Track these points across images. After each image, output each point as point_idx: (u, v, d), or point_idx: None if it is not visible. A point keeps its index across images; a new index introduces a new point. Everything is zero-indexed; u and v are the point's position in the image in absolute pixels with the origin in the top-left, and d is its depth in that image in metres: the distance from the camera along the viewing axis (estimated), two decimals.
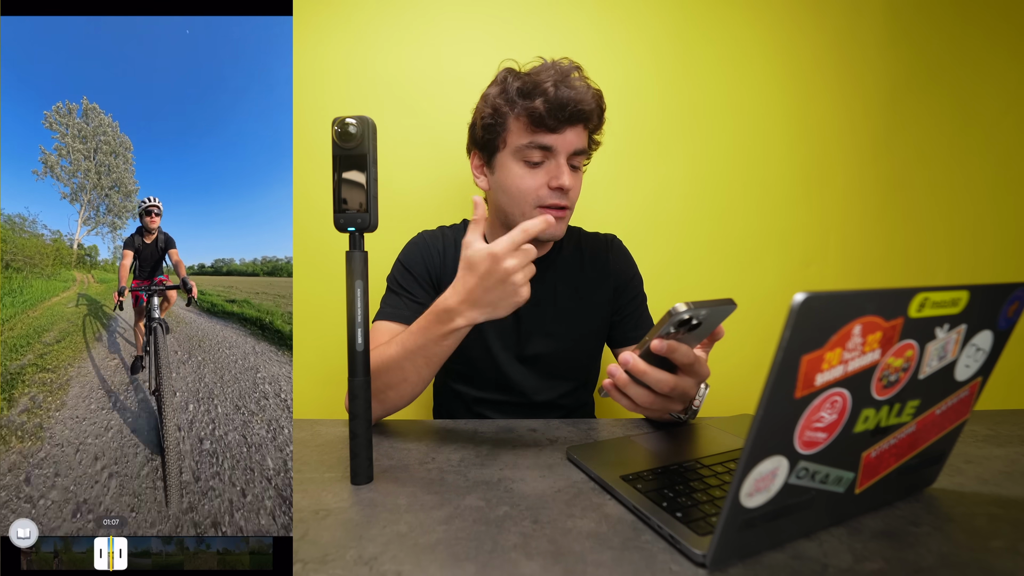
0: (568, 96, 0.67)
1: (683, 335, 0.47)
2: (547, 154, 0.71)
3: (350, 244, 0.47)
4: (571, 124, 0.70)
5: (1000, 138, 1.17)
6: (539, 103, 0.67)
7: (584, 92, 0.69)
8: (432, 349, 0.58)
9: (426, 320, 0.58)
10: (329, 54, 1.06)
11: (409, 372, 0.60)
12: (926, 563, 0.35)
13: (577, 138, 0.71)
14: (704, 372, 0.51)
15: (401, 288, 0.78)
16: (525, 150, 0.71)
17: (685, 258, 1.14)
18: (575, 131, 0.71)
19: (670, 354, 0.47)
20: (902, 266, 1.18)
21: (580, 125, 0.71)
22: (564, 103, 0.67)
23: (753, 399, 0.29)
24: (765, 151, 1.14)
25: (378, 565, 0.35)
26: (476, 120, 0.76)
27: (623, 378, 0.49)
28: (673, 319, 0.43)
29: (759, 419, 0.29)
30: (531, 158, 0.71)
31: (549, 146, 0.70)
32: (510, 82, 0.71)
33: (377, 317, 0.77)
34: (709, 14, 1.11)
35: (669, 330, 0.45)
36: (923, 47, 1.14)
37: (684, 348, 0.47)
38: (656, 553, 0.37)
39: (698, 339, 0.50)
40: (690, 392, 0.50)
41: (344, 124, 0.45)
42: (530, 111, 0.68)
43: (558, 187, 0.70)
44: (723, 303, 0.46)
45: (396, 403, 0.64)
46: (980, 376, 0.41)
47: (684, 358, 0.47)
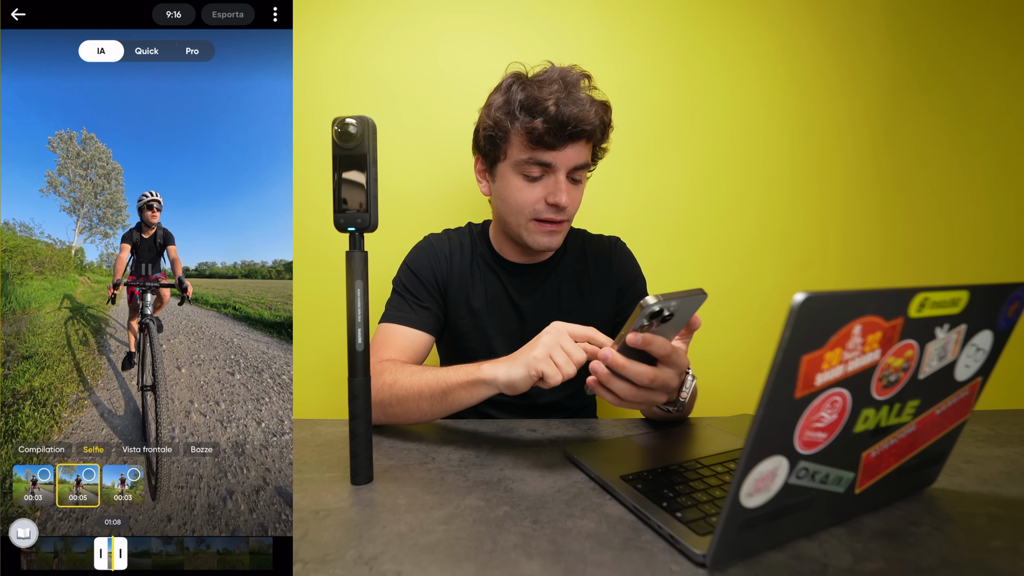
0: (569, 115, 0.66)
1: (658, 327, 0.48)
2: (546, 170, 0.70)
3: (350, 244, 0.47)
4: (572, 141, 0.69)
5: (1000, 138, 1.16)
6: (539, 123, 0.66)
7: (587, 109, 0.68)
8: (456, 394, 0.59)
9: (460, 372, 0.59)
10: (329, 54, 1.06)
11: (424, 405, 0.61)
12: (926, 563, 0.35)
13: (577, 154, 0.71)
14: (683, 363, 0.51)
15: (407, 291, 0.79)
16: (524, 165, 0.70)
17: (685, 258, 1.14)
18: (576, 147, 0.70)
19: (646, 347, 0.47)
20: (902, 266, 1.18)
21: (582, 141, 0.70)
22: (565, 122, 0.66)
23: (753, 399, 0.29)
24: (765, 151, 1.14)
25: (378, 565, 0.35)
26: (479, 127, 0.75)
27: (604, 373, 0.49)
28: (644, 312, 0.44)
29: (759, 419, 0.29)
30: (530, 173, 0.71)
31: (548, 163, 0.70)
32: (514, 91, 0.70)
33: (383, 320, 0.77)
34: (710, 14, 1.11)
35: (643, 323, 0.45)
36: (923, 47, 1.14)
37: (660, 340, 0.48)
38: (656, 553, 0.37)
39: (675, 330, 0.51)
40: (671, 383, 0.50)
41: (344, 124, 0.45)
42: (529, 129, 0.67)
43: (555, 203, 0.70)
44: (693, 293, 0.47)
45: (401, 422, 0.66)
46: (980, 376, 0.41)
47: (660, 349, 0.48)
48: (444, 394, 0.59)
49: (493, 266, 0.82)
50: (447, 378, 0.59)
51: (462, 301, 0.81)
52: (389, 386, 0.63)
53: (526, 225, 0.73)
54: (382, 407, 0.63)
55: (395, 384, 0.63)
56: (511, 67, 0.74)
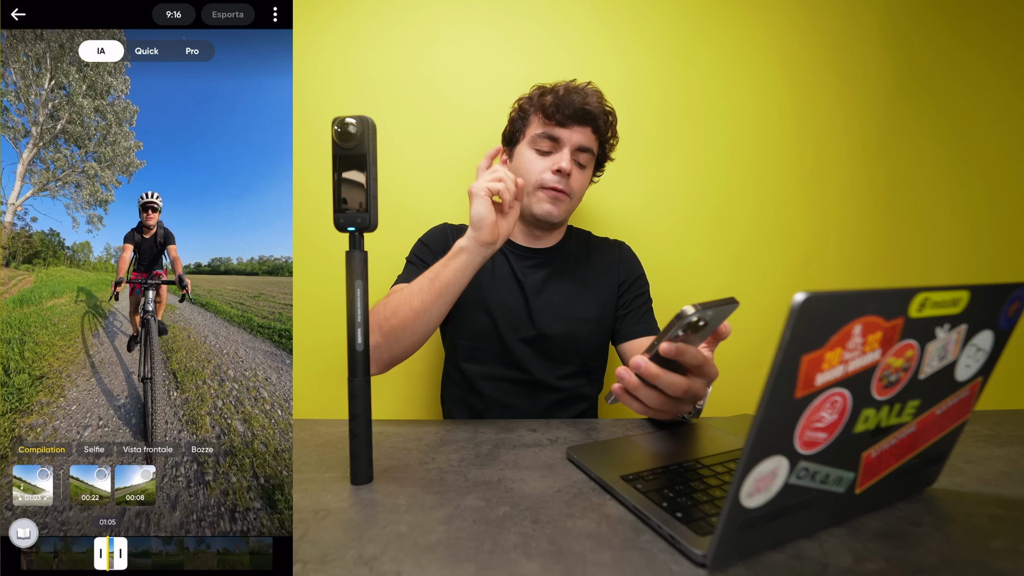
0: (574, 96, 0.80)
1: (689, 336, 0.47)
2: (555, 145, 0.81)
3: (350, 244, 0.47)
4: (578, 123, 0.80)
5: (999, 138, 1.16)
6: (549, 98, 0.80)
7: (591, 97, 0.80)
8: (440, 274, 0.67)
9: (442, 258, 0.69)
10: (329, 54, 1.06)
11: (415, 301, 0.67)
12: (926, 563, 0.35)
13: (583, 137, 0.81)
14: (713, 373, 0.51)
15: (419, 259, 0.86)
16: (538, 139, 0.82)
17: (686, 258, 1.14)
18: (582, 131, 0.81)
19: (679, 356, 0.47)
20: (902, 266, 1.18)
21: (588, 127, 0.81)
22: (571, 100, 0.79)
23: (753, 399, 0.29)
24: (765, 151, 1.14)
25: (378, 565, 0.35)
26: (509, 121, 0.88)
27: (633, 381, 0.49)
28: (682, 322, 0.44)
29: (759, 419, 0.29)
30: (541, 147, 0.82)
31: (557, 137, 0.81)
32: (535, 91, 0.84)
33: (395, 283, 0.82)
34: (710, 15, 1.11)
35: (678, 333, 0.45)
36: (921, 48, 1.14)
37: (692, 350, 0.48)
38: (656, 553, 0.37)
39: (702, 338, 0.50)
40: (700, 393, 0.50)
41: (344, 124, 0.45)
42: (543, 105, 0.81)
43: (558, 170, 0.80)
44: (727, 302, 0.47)
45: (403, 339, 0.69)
46: (980, 376, 0.41)
47: (693, 359, 0.48)
48: (431, 280, 0.67)
49: (503, 248, 0.88)
50: (431, 268, 0.68)
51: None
52: (383, 305, 0.70)
53: (534, 194, 0.82)
54: (379, 327, 0.67)
55: (388, 301, 0.70)
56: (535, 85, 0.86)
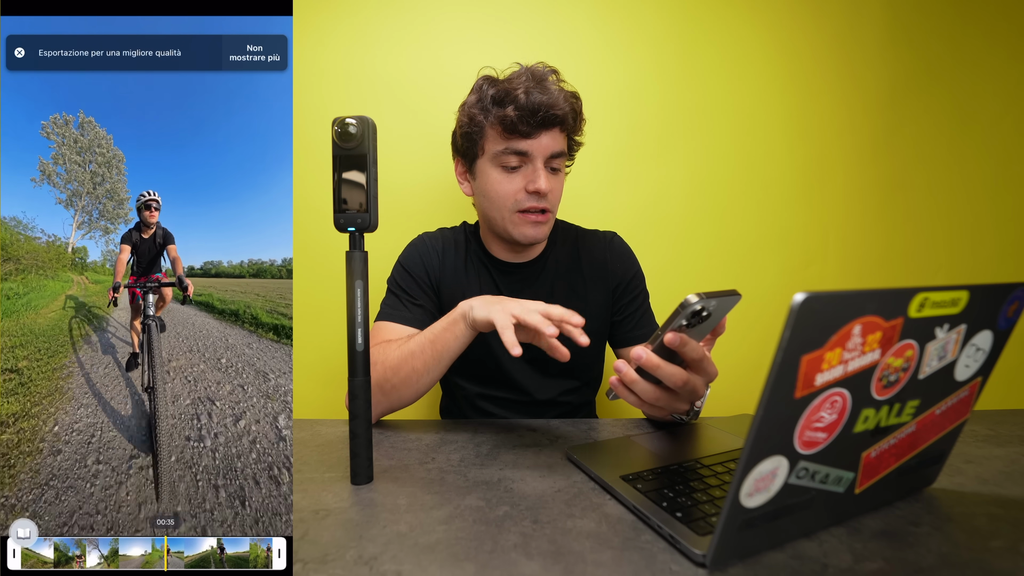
0: (540, 101, 0.69)
1: (690, 329, 0.47)
2: (523, 159, 0.72)
3: (350, 244, 0.47)
4: (545, 128, 0.71)
5: (999, 138, 1.16)
6: (510, 110, 0.69)
7: (556, 96, 0.70)
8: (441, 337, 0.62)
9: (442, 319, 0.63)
10: (329, 54, 1.06)
11: (417, 363, 0.63)
12: (926, 563, 0.35)
13: (553, 141, 0.73)
14: (712, 371, 0.50)
15: (400, 290, 0.80)
16: (502, 156, 0.72)
17: (685, 258, 1.14)
18: (550, 135, 0.72)
19: (681, 348, 0.46)
20: (902, 266, 1.18)
21: (555, 129, 0.72)
22: (535, 108, 0.69)
23: (753, 399, 0.29)
24: (765, 151, 1.14)
25: (378, 565, 0.35)
26: (456, 129, 0.78)
27: (631, 375, 0.49)
28: (686, 311, 0.43)
29: (759, 419, 0.29)
30: (508, 163, 0.73)
31: (524, 151, 0.72)
32: (485, 90, 0.73)
33: (377, 318, 0.78)
34: (710, 14, 1.11)
35: (681, 323, 0.45)
36: (923, 47, 1.14)
37: (693, 343, 0.47)
38: (656, 553, 0.37)
39: (702, 334, 0.50)
40: (699, 390, 0.50)
41: (344, 124, 0.45)
42: (502, 118, 0.70)
43: (535, 191, 0.72)
44: (729, 293, 0.46)
45: (403, 396, 0.65)
46: (980, 376, 0.41)
47: (694, 353, 0.47)
48: (432, 342, 0.62)
49: (486, 264, 0.83)
50: (431, 329, 0.63)
51: (456, 297, 0.81)
52: (382, 362, 0.64)
53: (511, 218, 0.75)
54: (380, 386, 0.63)
55: (387, 358, 0.64)
56: (482, 71, 0.77)
